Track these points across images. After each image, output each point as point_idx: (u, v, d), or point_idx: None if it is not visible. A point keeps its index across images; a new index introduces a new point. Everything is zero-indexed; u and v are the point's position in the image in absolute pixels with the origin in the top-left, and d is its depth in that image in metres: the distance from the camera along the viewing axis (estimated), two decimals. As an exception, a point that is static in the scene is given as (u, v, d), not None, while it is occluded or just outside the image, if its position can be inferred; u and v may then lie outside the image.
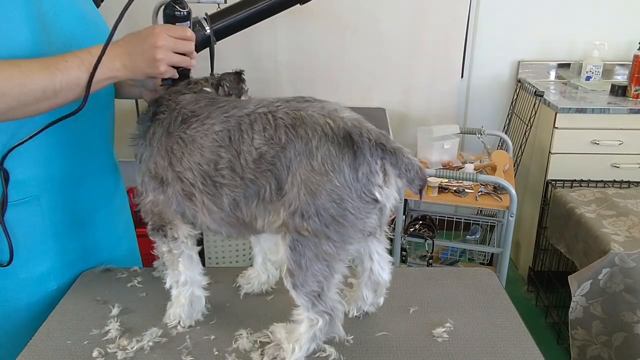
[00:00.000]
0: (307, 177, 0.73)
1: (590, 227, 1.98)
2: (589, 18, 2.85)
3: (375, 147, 0.74)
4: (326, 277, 0.77)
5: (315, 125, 0.74)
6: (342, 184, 0.73)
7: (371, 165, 0.74)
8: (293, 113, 0.76)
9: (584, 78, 2.80)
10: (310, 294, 0.78)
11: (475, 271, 1.11)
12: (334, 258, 0.76)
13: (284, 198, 0.75)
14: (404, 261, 2.27)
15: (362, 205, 0.75)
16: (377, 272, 0.89)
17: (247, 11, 1.66)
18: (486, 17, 2.86)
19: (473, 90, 3.02)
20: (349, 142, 0.74)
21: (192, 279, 0.93)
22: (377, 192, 0.75)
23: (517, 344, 0.88)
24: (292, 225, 0.75)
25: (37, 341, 0.88)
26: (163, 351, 0.86)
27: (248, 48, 2.81)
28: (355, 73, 2.92)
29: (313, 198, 0.73)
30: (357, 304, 0.93)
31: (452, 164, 2.38)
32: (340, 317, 0.81)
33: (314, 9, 2.58)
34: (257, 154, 0.76)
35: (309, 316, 0.79)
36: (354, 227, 0.76)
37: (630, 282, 1.77)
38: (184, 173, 0.81)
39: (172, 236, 0.89)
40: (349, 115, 0.78)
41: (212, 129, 0.79)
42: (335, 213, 0.73)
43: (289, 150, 0.74)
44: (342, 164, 0.73)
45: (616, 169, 2.50)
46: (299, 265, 0.76)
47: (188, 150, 0.80)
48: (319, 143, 0.73)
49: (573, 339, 1.94)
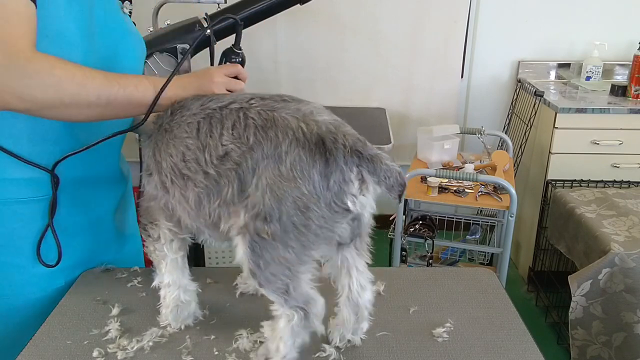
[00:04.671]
0: (274, 182, 0.70)
1: (590, 227, 1.98)
2: (589, 18, 2.85)
3: (351, 154, 0.70)
4: (289, 277, 0.75)
5: (286, 129, 0.71)
6: (310, 192, 0.70)
7: (345, 174, 0.70)
8: (265, 113, 0.73)
9: (584, 78, 2.80)
10: (278, 290, 0.75)
11: (475, 271, 1.11)
12: (293, 263, 0.74)
13: (246, 200, 0.73)
14: (404, 261, 2.27)
15: (330, 215, 0.71)
16: (356, 291, 0.83)
17: (247, 11, 1.66)
18: (486, 17, 2.86)
19: (473, 90, 3.02)
20: (322, 149, 0.70)
21: (177, 282, 0.92)
22: (349, 202, 0.72)
23: (517, 344, 0.88)
24: (252, 227, 0.72)
25: (37, 341, 0.88)
26: (163, 351, 0.86)
27: (248, 48, 2.80)
28: (355, 73, 2.92)
29: (278, 204, 0.70)
30: (340, 331, 0.86)
31: (452, 164, 2.38)
32: (316, 311, 0.78)
33: (314, 9, 2.58)
34: (222, 151, 0.74)
35: (284, 312, 0.77)
36: (317, 237, 0.72)
37: (630, 282, 1.77)
38: (161, 163, 0.81)
39: (155, 236, 0.89)
40: (325, 118, 0.74)
41: (186, 121, 0.79)
42: (298, 221, 0.70)
43: (256, 152, 0.72)
44: (313, 171, 0.70)
45: (616, 169, 2.50)
46: (258, 265, 0.74)
47: (165, 141, 0.80)
48: (289, 148, 0.70)
49: (573, 339, 1.94)
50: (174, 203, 0.82)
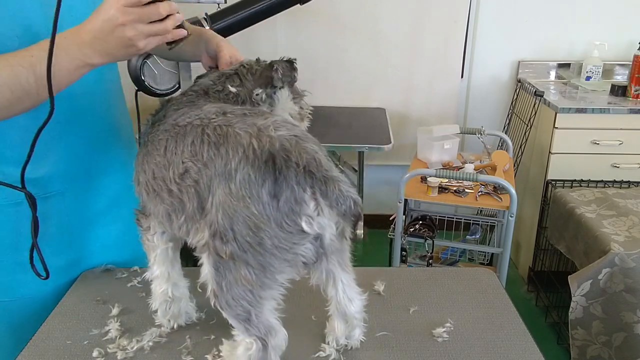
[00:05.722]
0: (225, 200, 0.67)
1: (590, 227, 1.98)
2: (589, 18, 2.85)
3: (303, 175, 0.66)
4: (251, 303, 0.71)
5: (237, 145, 0.68)
6: (260, 212, 0.66)
7: (297, 193, 0.66)
8: (220, 129, 0.71)
9: (584, 78, 2.80)
10: (238, 317, 0.72)
11: (475, 271, 1.11)
12: (255, 285, 0.70)
13: (206, 218, 0.71)
14: (404, 261, 2.27)
15: (284, 235, 0.67)
16: (343, 303, 0.81)
17: (247, 11, 1.67)
18: (486, 17, 2.87)
19: (473, 90, 3.02)
20: (271, 167, 0.66)
21: (166, 276, 0.90)
22: (304, 223, 0.67)
23: (517, 344, 0.88)
24: (212, 246, 0.70)
25: (37, 341, 0.88)
26: (163, 351, 0.86)
27: (248, 48, 2.81)
28: (355, 73, 2.92)
29: (230, 222, 0.67)
30: (334, 336, 0.86)
31: (452, 164, 2.38)
32: (275, 344, 0.74)
33: (314, 9, 2.58)
34: (183, 169, 0.72)
35: (244, 339, 0.74)
36: (276, 257, 0.68)
37: (630, 282, 1.77)
38: (139, 177, 0.82)
39: (145, 227, 0.88)
40: (284, 133, 0.69)
41: (157, 137, 0.78)
42: (252, 241, 0.67)
43: (209, 169, 0.69)
44: (262, 190, 0.66)
45: (616, 169, 2.50)
46: (221, 286, 0.71)
47: (142, 154, 0.81)
48: (239, 165, 0.67)
49: (573, 339, 1.94)
50: (153, 214, 0.83)
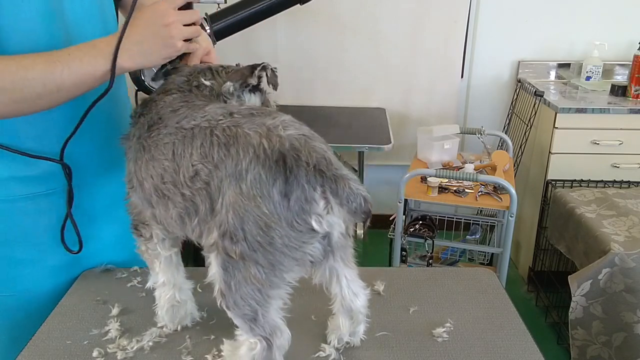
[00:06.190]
0: (236, 200, 0.68)
1: (590, 227, 1.98)
2: (589, 18, 2.85)
3: (314, 173, 0.67)
4: (259, 302, 0.72)
5: (247, 146, 0.68)
6: (271, 212, 0.67)
7: (307, 192, 0.67)
8: (229, 130, 0.71)
9: (584, 78, 2.80)
10: (245, 317, 0.73)
11: (475, 271, 1.11)
12: (265, 284, 0.71)
13: (215, 218, 0.71)
14: (404, 261, 2.27)
15: (294, 235, 0.68)
16: (348, 298, 0.82)
17: (247, 11, 1.67)
18: (486, 17, 2.86)
19: (473, 90, 3.02)
20: (282, 166, 0.67)
21: (172, 281, 0.90)
22: (314, 222, 0.68)
23: (517, 344, 0.88)
24: (221, 246, 0.70)
25: (37, 341, 0.88)
26: (163, 351, 0.86)
27: (248, 48, 2.81)
28: (355, 73, 2.92)
29: (241, 222, 0.68)
30: (337, 334, 0.86)
31: (452, 164, 2.38)
32: (280, 344, 0.75)
33: (314, 9, 2.58)
34: (193, 171, 0.72)
35: (248, 339, 0.75)
36: (285, 256, 0.69)
37: (630, 282, 1.77)
38: (143, 182, 0.80)
39: (147, 236, 0.88)
40: (292, 132, 0.70)
41: (162, 140, 0.77)
42: (263, 241, 0.68)
43: (220, 170, 0.70)
44: (273, 190, 0.67)
45: (616, 169, 2.50)
46: (229, 286, 0.72)
47: (145, 160, 0.79)
48: (249, 165, 0.67)
49: (573, 339, 1.94)
50: (160, 217, 0.81)
